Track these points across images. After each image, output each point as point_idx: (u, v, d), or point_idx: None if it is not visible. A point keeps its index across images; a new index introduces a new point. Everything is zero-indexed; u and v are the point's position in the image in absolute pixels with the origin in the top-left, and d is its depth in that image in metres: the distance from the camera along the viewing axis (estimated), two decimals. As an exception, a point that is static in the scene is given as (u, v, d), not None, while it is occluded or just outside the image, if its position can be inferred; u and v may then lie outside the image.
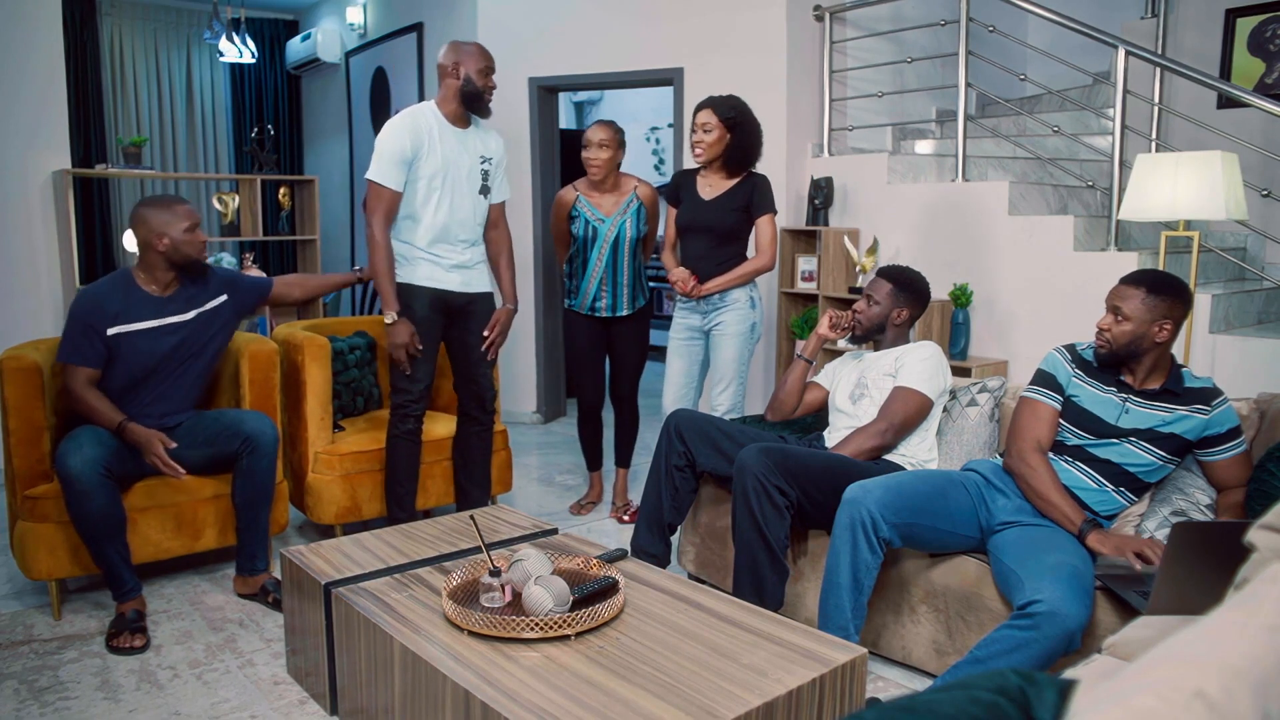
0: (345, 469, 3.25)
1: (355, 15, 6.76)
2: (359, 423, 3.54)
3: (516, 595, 1.96)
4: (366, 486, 3.28)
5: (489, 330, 3.25)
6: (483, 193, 3.20)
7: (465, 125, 3.14)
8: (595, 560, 2.18)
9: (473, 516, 2.43)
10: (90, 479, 2.52)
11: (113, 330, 2.72)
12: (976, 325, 3.99)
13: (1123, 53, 3.63)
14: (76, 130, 6.19)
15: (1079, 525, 2.17)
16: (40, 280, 4.47)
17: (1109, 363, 2.32)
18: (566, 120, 8.20)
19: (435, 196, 3.07)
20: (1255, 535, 1.09)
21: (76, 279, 4.45)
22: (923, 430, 2.71)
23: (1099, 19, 4.08)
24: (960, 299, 3.89)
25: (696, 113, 3.29)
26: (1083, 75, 4.39)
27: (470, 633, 1.86)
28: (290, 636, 2.40)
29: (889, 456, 2.67)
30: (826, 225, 4.44)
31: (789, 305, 4.65)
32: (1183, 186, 2.91)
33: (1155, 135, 4.18)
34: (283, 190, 5.59)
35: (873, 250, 4.17)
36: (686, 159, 4.74)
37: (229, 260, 5.43)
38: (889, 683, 2.39)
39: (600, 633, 1.87)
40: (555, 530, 2.57)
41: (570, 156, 4.94)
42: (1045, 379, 2.42)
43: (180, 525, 2.88)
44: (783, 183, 4.50)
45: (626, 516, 3.71)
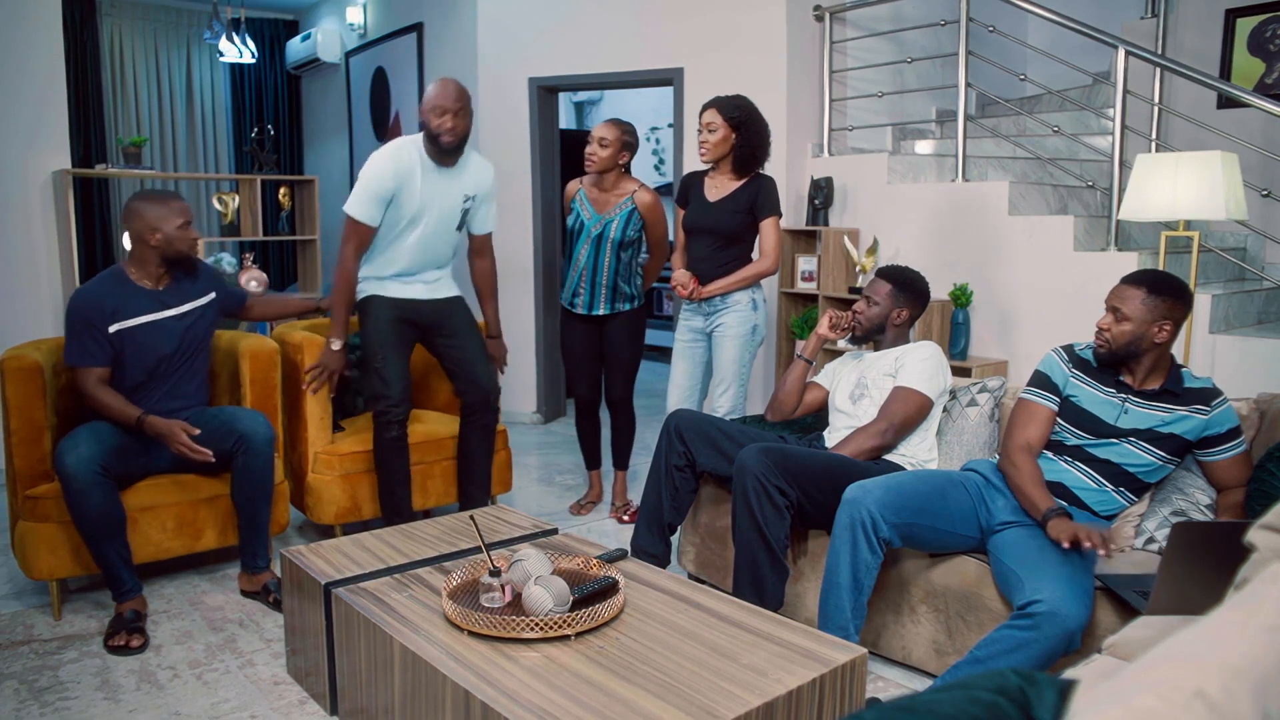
0: (345, 469, 3.25)
1: (355, 15, 6.76)
2: (359, 423, 3.53)
3: (516, 595, 1.96)
4: (366, 486, 3.28)
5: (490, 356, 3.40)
6: (459, 228, 3.26)
7: (451, 163, 3.11)
8: (595, 560, 2.18)
9: (473, 516, 2.43)
10: (87, 477, 2.52)
11: (114, 327, 2.72)
12: (976, 325, 3.99)
13: (1123, 53, 3.63)
14: (76, 130, 6.19)
15: (1043, 512, 2.16)
16: (40, 280, 4.47)
17: (1108, 363, 2.32)
18: (566, 120, 8.19)
19: (410, 234, 3.12)
20: (1255, 535, 1.09)
21: (76, 279, 4.45)
22: (923, 430, 2.71)
23: (1099, 19, 4.08)
24: (960, 299, 3.89)
25: (702, 113, 3.29)
26: (1083, 75, 4.39)
27: (470, 633, 1.86)
28: (290, 636, 2.40)
29: (889, 456, 2.67)
30: (826, 225, 4.44)
31: (789, 305, 4.65)
32: (1183, 186, 2.91)
33: (1155, 135, 4.18)
34: (283, 190, 5.59)
35: (873, 250, 4.17)
36: (687, 159, 4.75)
37: (229, 260, 5.43)
38: (889, 683, 2.39)
39: (600, 633, 1.87)
40: (555, 530, 2.57)
41: (570, 157, 4.94)
42: (1042, 380, 2.42)
43: (180, 525, 2.88)
44: (783, 183, 4.49)
45: (626, 516, 3.71)
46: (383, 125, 6.54)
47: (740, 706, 1.59)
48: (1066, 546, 2.01)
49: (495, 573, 1.98)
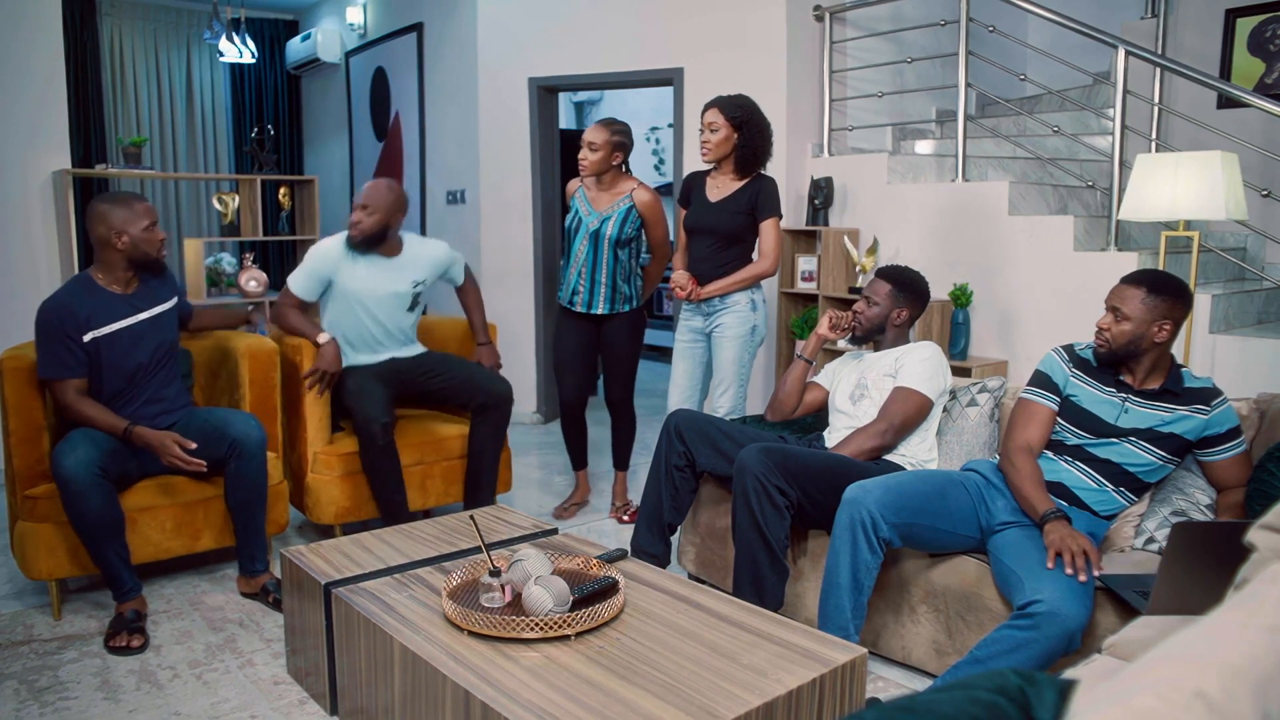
0: (344, 469, 3.25)
1: (355, 15, 6.76)
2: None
3: (516, 595, 1.96)
4: (365, 487, 3.28)
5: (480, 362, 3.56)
6: (411, 309, 3.45)
7: (396, 253, 3.37)
8: (595, 560, 2.18)
9: (473, 516, 2.43)
10: (85, 480, 2.51)
11: (89, 335, 2.68)
12: (976, 325, 3.99)
13: (1123, 53, 3.63)
14: (76, 130, 6.19)
15: (1041, 513, 2.16)
16: (40, 280, 4.47)
17: (1108, 362, 2.32)
18: (566, 120, 8.20)
19: (363, 315, 3.34)
20: (1255, 535, 1.09)
21: (76, 279, 4.45)
22: (923, 430, 2.71)
23: (1099, 19, 4.08)
24: (960, 299, 3.89)
25: (704, 112, 3.28)
26: (1083, 75, 4.39)
27: (470, 633, 1.86)
28: (290, 636, 2.40)
29: (889, 457, 2.67)
30: (826, 225, 4.44)
31: (789, 305, 4.65)
32: (1183, 186, 2.91)
33: (1155, 135, 4.18)
34: (283, 190, 5.59)
35: (873, 250, 4.17)
36: (687, 159, 4.74)
37: (229, 261, 5.43)
38: (889, 683, 2.39)
39: (600, 633, 1.87)
40: (555, 530, 2.57)
41: (570, 156, 4.94)
42: (1042, 380, 2.42)
43: (180, 525, 2.87)
44: (783, 183, 4.48)
45: (626, 516, 3.71)
46: (383, 125, 6.54)
47: (740, 706, 1.59)
48: (1051, 557, 2.02)
49: (495, 573, 1.98)
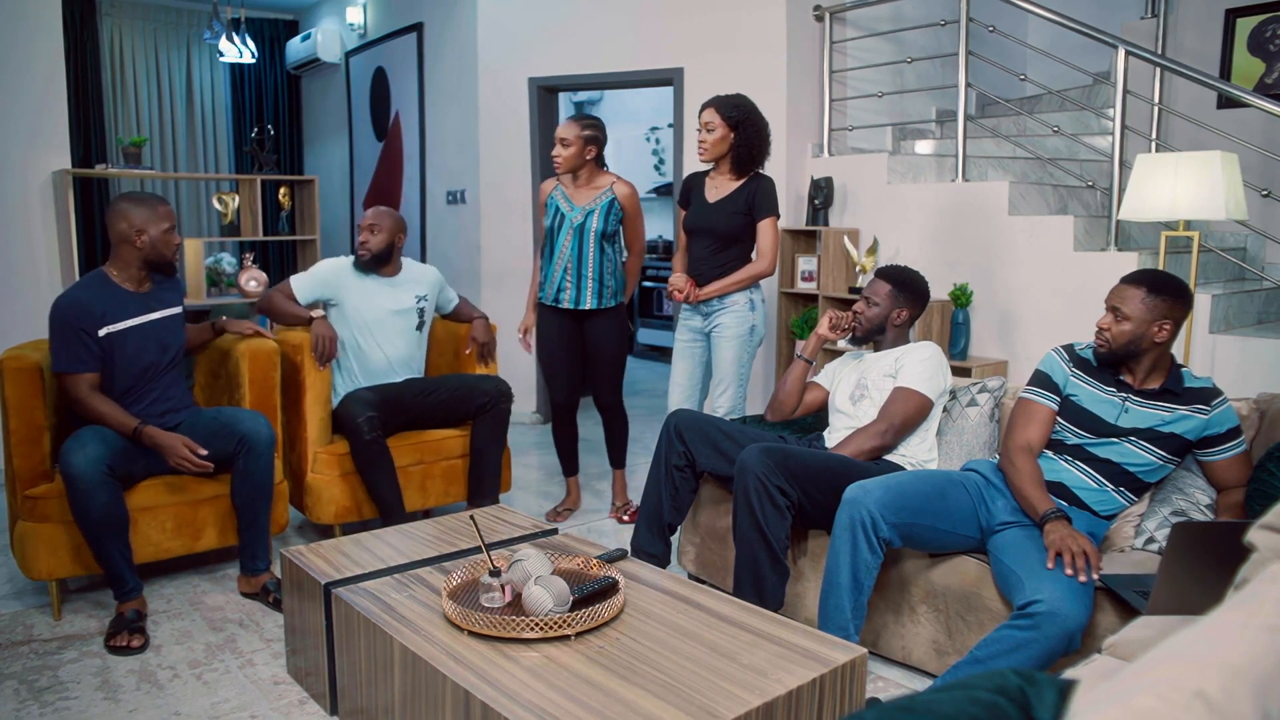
0: (344, 469, 3.25)
1: (355, 15, 6.76)
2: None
3: (516, 595, 1.96)
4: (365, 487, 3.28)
5: (474, 338, 3.58)
6: (419, 329, 3.55)
7: (396, 273, 3.49)
8: (595, 560, 2.18)
9: (473, 516, 2.43)
10: (93, 478, 2.52)
11: (104, 331, 2.72)
12: (976, 325, 3.99)
13: (1123, 53, 3.63)
14: (76, 130, 6.19)
15: (1041, 514, 2.16)
16: (40, 280, 4.47)
17: (1108, 362, 2.33)
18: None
19: (365, 340, 3.41)
20: (1255, 535, 1.09)
21: (77, 279, 4.44)
22: (923, 430, 2.71)
23: (1099, 19, 4.08)
24: (960, 299, 3.89)
25: (701, 112, 3.28)
26: (1083, 75, 4.39)
27: (470, 633, 1.86)
28: (290, 636, 2.40)
29: (889, 457, 2.67)
30: (826, 225, 4.44)
31: (789, 305, 4.65)
32: (1183, 186, 2.91)
33: (1155, 135, 4.18)
34: (283, 190, 5.59)
35: (873, 250, 4.17)
36: (687, 159, 4.74)
37: (229, 261, 5.43)
38: (889, 683, 2.39)
39: (600, 633, 1.87)
40: (555, 530, 2.57)
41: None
42: (1042, 379, 2.42)
43: (180, 525, 2.88)
44: (783, 183, 4.50)
45: (626, 516, 3.71)
46: (383, 125, 6.54)
47: (740, 706, 1.59)
48: (1051, 557, 2.02)
49: (495, 573, 1.98)
